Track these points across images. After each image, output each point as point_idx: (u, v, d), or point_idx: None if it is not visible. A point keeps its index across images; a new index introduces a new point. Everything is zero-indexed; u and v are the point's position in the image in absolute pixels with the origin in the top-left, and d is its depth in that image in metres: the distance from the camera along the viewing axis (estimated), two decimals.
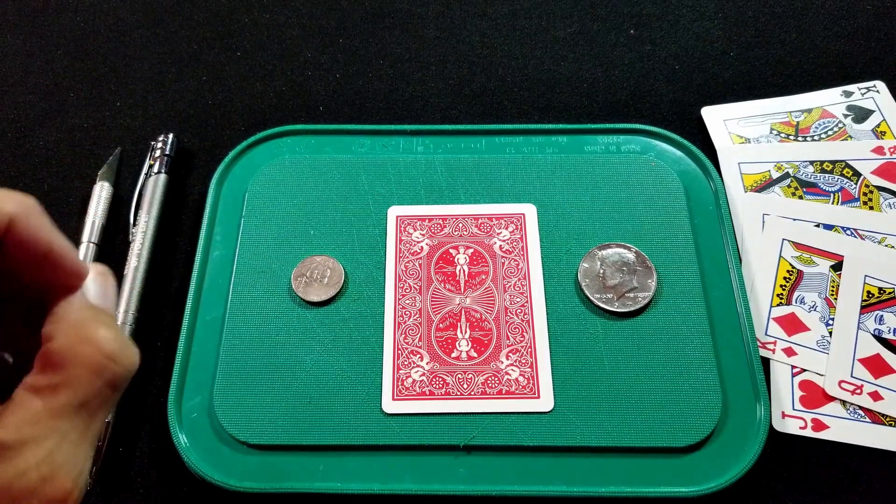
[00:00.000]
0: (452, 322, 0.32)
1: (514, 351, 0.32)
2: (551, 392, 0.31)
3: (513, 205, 0.35)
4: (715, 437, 0.30)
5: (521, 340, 0.32)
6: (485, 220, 0.34)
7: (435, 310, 0.33)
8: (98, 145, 0.41)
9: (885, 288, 0.34)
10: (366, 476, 0.30)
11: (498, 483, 0.29)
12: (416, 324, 0.32)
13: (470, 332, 0.32)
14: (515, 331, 0.32)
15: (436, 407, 0.31)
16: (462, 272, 0.33)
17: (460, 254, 0.34)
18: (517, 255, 0.33)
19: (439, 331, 0.32)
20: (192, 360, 0.33)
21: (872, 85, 0.41)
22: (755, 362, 0.32)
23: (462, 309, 0.33)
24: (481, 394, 0.31)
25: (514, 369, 0.31)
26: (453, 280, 0.33)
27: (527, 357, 0.32)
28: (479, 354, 0.32)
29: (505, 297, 0.33)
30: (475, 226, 0.34)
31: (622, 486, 0.29)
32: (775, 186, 0.38)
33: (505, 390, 0.31)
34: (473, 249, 0.34)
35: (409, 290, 0.33)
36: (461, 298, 0.33)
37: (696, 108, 0.41)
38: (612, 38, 0.45)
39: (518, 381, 0.31)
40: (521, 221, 0.34)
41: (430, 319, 0.32)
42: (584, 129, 0.39)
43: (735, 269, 0.34)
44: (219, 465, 0.30)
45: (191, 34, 0.46)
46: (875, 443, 0.31)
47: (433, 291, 0.33)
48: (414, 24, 0.46)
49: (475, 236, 0.34)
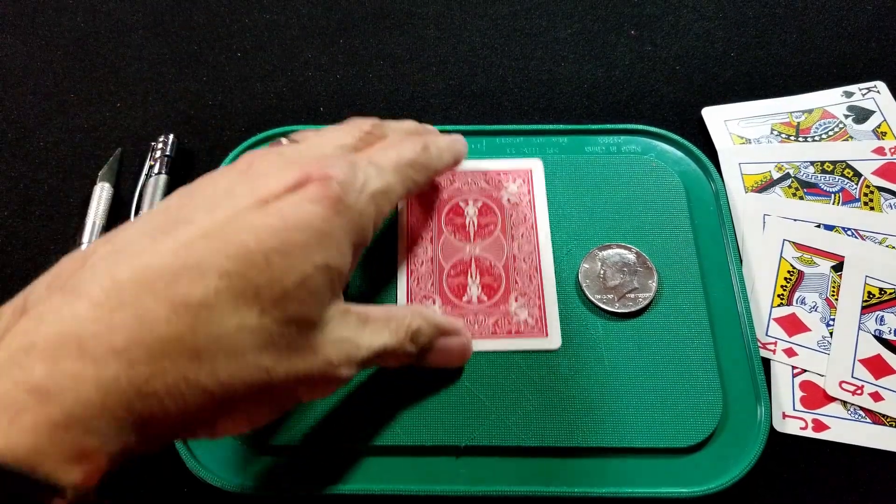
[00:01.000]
0: (463, 269, 0.33)
1: (523, 294, 0.33)
2: (559, 331, 0.32)
3: (520, 160, 0.36)
4: (715, 437, 0.30)
5: (530, 285, 0.33)
6: (493, 175, 0.35)
7: (446, 258, 0.33)
8: (98, 146, 0.41)
9: (886, 288, 0.34)
10: (366, 476, 0.30)
11: (498, 483, 0.29)
12: (428, 271, 0.33)
13: (480, 279, 0.33)
14: (524, 277, 0.33)
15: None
16: (472, 223, 0.34)
17: (469, 206, 0.34)
18: (525, 206, 0.35)
19: (450, 277, 0.33)
20: None
21: (873, 85, 0.41)
22: (756, 363, 0.32)
23: (472, 257, 0.34)
24: (492, 334, 0.32)
25: (522, 310, 0.32)
26: (463, 230, 0.34)
27: (535, 300, 0.33)
28: (489, 298, 0.33)
29: (514, 245, 0.34)
30: (484, 180, 0.35)
31: (622, 487, 0.29)
32: (776, 187, 0.38)
33: (514, 330, 0.32)
34: (482, 202, 0.35)
35: (420, 241, 0.34)
36: (471, 247, 0.34)
37: (697, 108, 0.41)
38: (612, 38, 0.45)
39: (527, 322, 0.32)
40: (528, 176, 0.35)
41: (442, 267, 0.33)
42: (585, 130, 0.39)
43: (736, 269, 0.34)
44: (219, 466, 0.30)
45: (191, 34, 0.46)
46: (876, 443, 0.31)
47: (444, 241, 0.34)
48: (414, 24, 0.46)
49: (484, 190, 0.35)
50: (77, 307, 0.18)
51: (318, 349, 0.22)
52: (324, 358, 0.22)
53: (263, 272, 0.20)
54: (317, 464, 0.30)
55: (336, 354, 0.22)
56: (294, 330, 0.21)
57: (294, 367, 0.21)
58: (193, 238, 0.19)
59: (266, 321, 0.20)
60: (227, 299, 0.19)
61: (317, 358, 0.21)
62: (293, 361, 0.21)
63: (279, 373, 0.20)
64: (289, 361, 0.20)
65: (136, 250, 0.19)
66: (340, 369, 0.22)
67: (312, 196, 0.21)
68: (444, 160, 0.30)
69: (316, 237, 0.21)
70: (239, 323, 0.19)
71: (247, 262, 0.19)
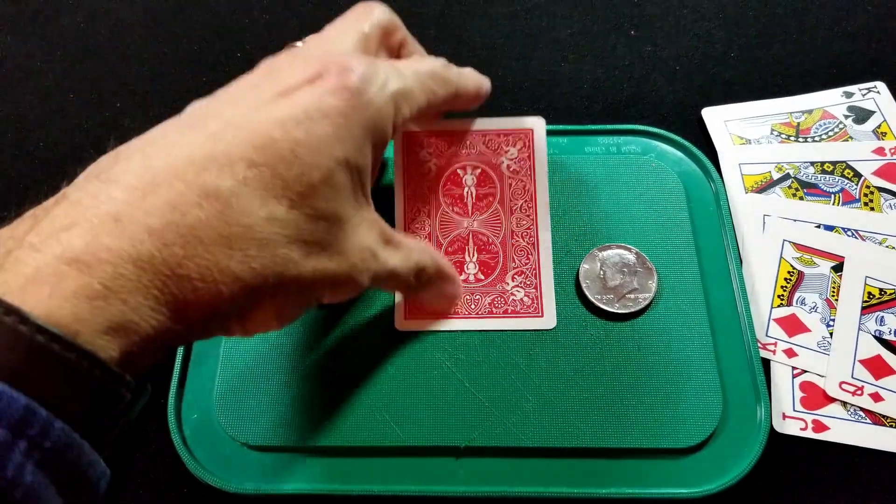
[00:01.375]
0: (460, 245, 0.33)
1: (520, 273, 0.33)
2: (554, 310, 0.32)
3: (521, 118, 0.34)
4: (715, 438, 0.30)
5: (527, 262, 0.33)
6: (492, 137, 0.34)
7: (444, 233, 0.33)
8: (98, 145, 0.41)
9: (886, 289, 0.34)
10: (365, 477, 0.30)
11: (498, 484, 0.29)
12: None
13: (477, 256, 0.33)
14: (521, 253, 0.33)
15: (445, 325, 0.32)
16: (470, 194, 0.33)
17: (468, 174, 0.33)
18: (524, 174, 0.33)
19: (448, 254, 0.33)
20: (192, 361, 0.33)
21: (873, 86, 0.41)
22: (756, 363, 0.31)
23: (470, 232, 0.33)
24: (488, 313, 0.32)
25: (519, 290, 0.33)
26: (461, 203, 0.33)
27: (531, 279, 0.33)
28: (486, 276, 0.33)
29: (511, 219, 0.33)
30: (483, 143, 0.34)
31: (622, 487, 0.29)
32: (776, 187, 0.38)
33: (510, 310, 0.32)
34: (481, 170, 0.33)
35: (418, 214, 0.33)
36: (469, 222, 0.33)
37: (697, 108, 0.41)
38: (612, 38, 0.45)
39: (523, 301, 0.32)
40: (529, 138, 0.34)
41: (440, 243, 0.33)
42: (585, 130, 0.39)
43: (735, 270, 0.34)
44: (218, 466, 0.30)
45: (191, 34, 0.46)
46: (876, 444, 0.31)
47: (441, 215, 0.33)
48: (414, 24, 0.45)
49: (482, 155, 0.34)
50: (113, 192, 0.19)
51: (346, 252, 0.22)
52: (350, 261, 0.22)
53: (291, 166, 0.20)
54: (316, 464, 0.30)
55: (361, 260, 0.23)
56: (323, 227, 0.21)
57: (322, 266, 0.22)
58: (220, 129, 0.20)
59: (294, 215, 0.20)
60: (256, 189, 0.20)
61: (344, 260, 0.22)
62: (321, 259, 0.21)
63: (307, 268, 0.21)
64: (317, 259, 0.21)
65: (168, 142, 0.20)
66: (363, 276, 0.23)
67: (331, 87, 0.22)
68: (465, 82, 0.30)
69: (334, 130, 0.21)
70: (268, 214, 0.20)
71: (274, 155, 0.20)
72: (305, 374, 0.32)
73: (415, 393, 0.31)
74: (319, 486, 0.29)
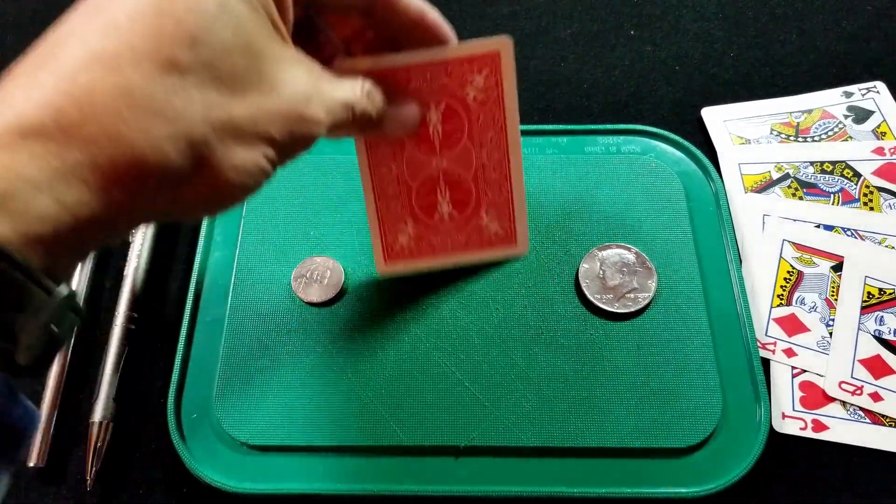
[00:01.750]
0: (431, 186, 0.32)
1: (493, 206, 0.32)
2: (527, 236, 0.33)
3: (485, 40, 0.29)
4: (715, 437, 0.30)
5: (500, 195, 0.32)
6: (455, 66, 0.30)
7: (412, 175, 0.31)
8: None
9: (886, 289, 0.34)
10: (365, 477, 0.30)
11: (497, 484, 0.29)
12: (396, 193, 0.32)
13: (450, 195, 0.32)
14: (494, 186, 0.32)
15: (425, 264, 0.33)
16: (436, 132, 0.31)
17: (432, 111, 0.30)
18: (493, 103, 0.31)
19: (420, 196, 0.32)
20: (192, 361, 0.33)
21: (873, 86, 0.41)
22: (755, 363, 0.32)
23: (440, 171, 0.32)
24: (464, 248, 0.33)
25: (493, 223, 0.33)
26: (427, 142, 0.31)
27: (505, 210, 0.33)
28: (460, 213, 0.33)
29: (482, 153, 0.31)
30: (445, 73, 0.30)
31: (622, 487, 0.29)
32: (775, 187, 0.38)
33: (486, 244, 0.33)
34: (445, 104, 0.30)
35: (383, 158, 0.31)
36: (437, 161, 0.31)
37: (697, 108, 0.41)
38: (612, 38, 0.45)
39: (497, 234, 0.33)
40: (496, 62, 0.30)
41: (409, 186, 0.32)
42: (585, 130, 0.39)
43: (735, 269, 0.34)
44: (218, 466, 0.30)
45: None
46: (875, 444, 0.31)
47: (408, 156, 0.31)
48: None
49: (446, 88, 0.30)
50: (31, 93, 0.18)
51: (279, 85, 0.21)
52: (288, 94, 0.21)
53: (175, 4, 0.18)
54: (316, 464, 0.30)
55: (301, 93, 0.21)
56: (237, 60, 0.19)
57: (256, 103, 0.20)
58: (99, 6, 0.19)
59: (195, 53, 0.18)
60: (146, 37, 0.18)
61: (279, 95, 0.21)
62: (252, 98, 0.20)
63: (240, 110, 0.20)
64: (248, 98, 0.20)
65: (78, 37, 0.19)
66: (311, 106, 0.22)
67: None
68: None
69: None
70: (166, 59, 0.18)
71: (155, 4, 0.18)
72: (305, 374, 0.32)
73: (415, 393, 0.31)
74: (319, 486, 0.29)
